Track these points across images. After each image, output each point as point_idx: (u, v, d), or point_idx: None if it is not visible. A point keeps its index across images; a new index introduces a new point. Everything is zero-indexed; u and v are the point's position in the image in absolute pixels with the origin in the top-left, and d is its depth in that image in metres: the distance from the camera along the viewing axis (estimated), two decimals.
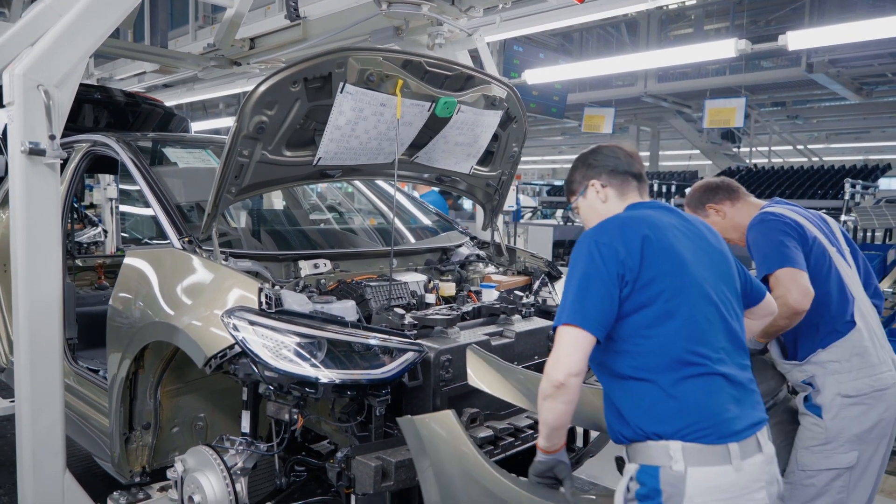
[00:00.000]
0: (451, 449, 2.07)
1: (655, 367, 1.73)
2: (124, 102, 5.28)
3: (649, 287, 1.76)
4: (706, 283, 1.82)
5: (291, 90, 2.56)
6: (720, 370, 1.74)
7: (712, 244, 1.97)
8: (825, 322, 2.49)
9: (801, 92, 12.91)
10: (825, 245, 2.53)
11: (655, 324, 1.74)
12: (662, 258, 1.79)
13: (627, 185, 2.06)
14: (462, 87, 3.03)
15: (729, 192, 2.75)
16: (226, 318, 2.40)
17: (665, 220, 1.91)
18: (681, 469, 1.66)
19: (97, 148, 3.69)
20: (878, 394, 2.45)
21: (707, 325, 1.77)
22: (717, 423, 1.69)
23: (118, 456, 2.95)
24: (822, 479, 2.49)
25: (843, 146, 18.47)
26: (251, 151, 2.64)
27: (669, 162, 19.33)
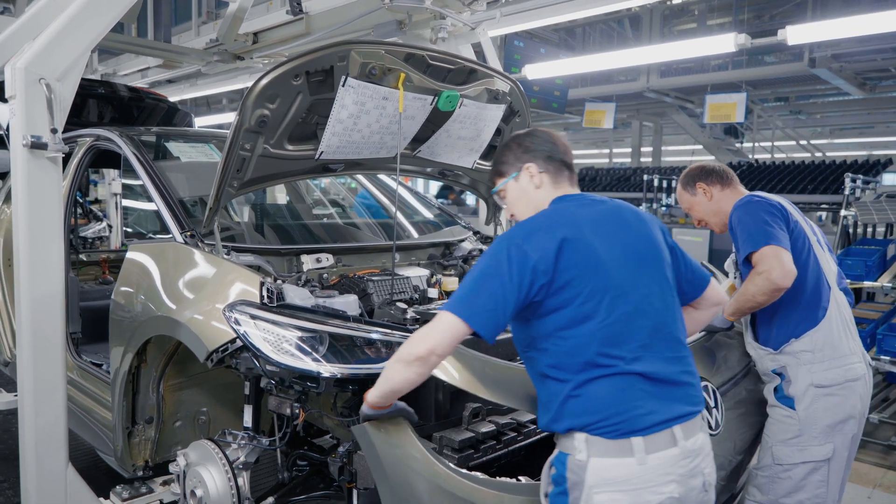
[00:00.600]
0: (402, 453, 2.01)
1: (569, 367, 1.75)
2: (128, 98, 5.26)
3: (565, 290, 1.75)
4: (626, 282, 1.80)
5: (293, 83, 2.54)
6: (634, 369, 1.75)
7: (641, 236, 1.92)
8: (801, 308, 2.50)
9: (804, 87, 12.83)
10: (806, 232, 2.54)
11: (570, 325, 1.75)
12: (580, 261, 1.76)
13: (561, 173, 2.02)
14: (465, 80, 3.00)
15: (722, 178, 2.77)
16: (227, 312, 2.38)
17: (589, 216, 1.87)
18: (583, 459, 1.72)
19: (100, 142, 3.67)
20: (849, 384, 2.47)
21: (623, 326, 1.76)
22: (622, 420, 1.71)
23: (121, 450, 2.94)
24: (798, 472, 2.50)
25: (847, 141, 18.34)
26: (253, 145, 2.61)
27: (672, 157, 19.24)
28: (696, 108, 13.08)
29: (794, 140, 14.81)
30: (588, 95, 12.01)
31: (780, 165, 9.29)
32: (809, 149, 14.99)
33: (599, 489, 1.70)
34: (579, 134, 18.62)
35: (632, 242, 1.89)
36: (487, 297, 1.73)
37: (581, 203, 1.94)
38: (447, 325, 1.75)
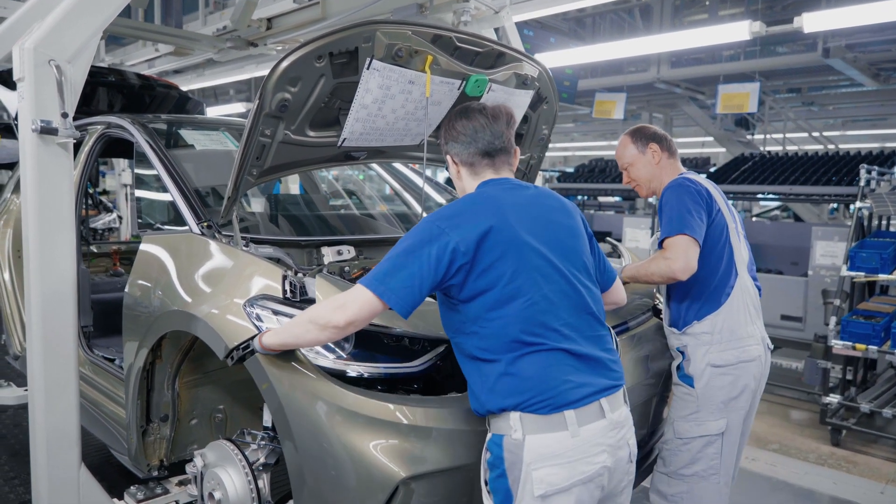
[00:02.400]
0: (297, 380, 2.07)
1: (497, 348, 1.78)
2: (139, 85, 5.11)
3: (489, 272, 1.78)
4: (548, 263, 1.85)
5: (316, 66, 2.38)
6: (561, 346, 1.79)
7: (561, 223, 1.98)
8: (707, 292, 2.60)
9: (816, 78, 12.56)
10: (727, 219, 2.62)
11: (496, 307, 1.78)
12: (503, 244, 1.80)
13: (480, 164, 2.04)
14: (493, 64, 2.84)
15: (671, 147, 2.82)
16: (248, 307, 2.24)
17: (512, 200, 1.91)
18: (519, 437, 1.74)
19: (112, 130, 3.53)
20: (743, 364, 2.59)
21: (547, 305, 1.81)
22: (553, 395, 1.75)
23: (135, 449, 2.80)
24: (695, 445, 2.62)
25: (860, 133, 18.03)
26: (273, 131, 2.46)
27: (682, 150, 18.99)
28: (706, 99, 12.84)
29: (805, 132, 14.53)
30: (598, 86, 11.77)
31: (794, 157, 9.05)
32: (822, 140, 14.72)
33: (537, 465, 1.73)
34: (588, 125, 18.36)
35: (554, 227, 1.94)
36: (405, 275, 1.77)
37: (505, 188, 1.97)
38: (365, 301, 1.79)
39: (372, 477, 1.91)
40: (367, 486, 1.92)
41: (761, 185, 8.02)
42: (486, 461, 1.83)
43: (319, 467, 2.00)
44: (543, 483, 1.73)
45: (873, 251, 4.97)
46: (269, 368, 2.09)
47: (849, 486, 4.16)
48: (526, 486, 1.74)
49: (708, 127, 13.06)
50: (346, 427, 1.96)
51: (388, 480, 1.90)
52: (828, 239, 6.69)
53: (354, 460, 1.93)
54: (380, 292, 1.78)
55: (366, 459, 1.92)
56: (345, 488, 1.95)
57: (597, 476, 1.79)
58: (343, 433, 1.96)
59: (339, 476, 1.95)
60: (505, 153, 2.07)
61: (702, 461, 2.63)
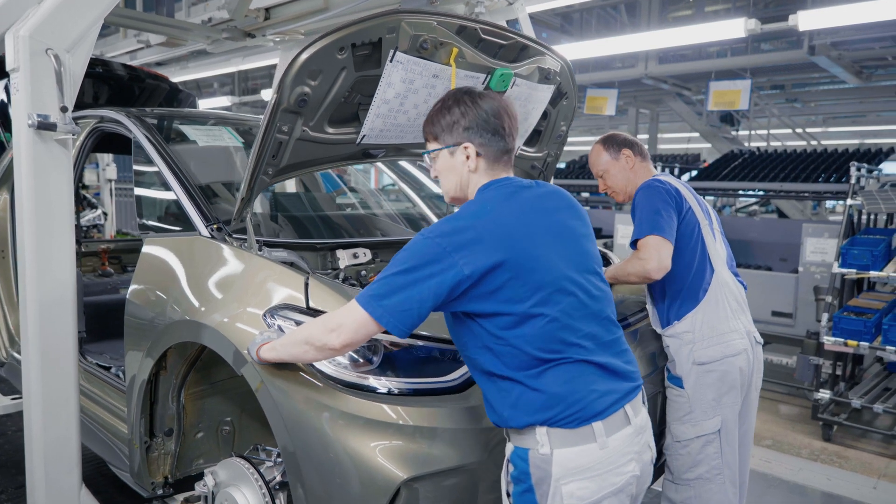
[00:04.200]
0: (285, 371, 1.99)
1: (517, 365, 1.67)
2: (127, 77, 4.87)
3: (499, 294, 1.64)
4: (564, 276, 1.71)
5: (338, 57, 2.20)
6: (583, 358, 1.69)
7: (572, 226, 1.83)
8: (684, 290, 2.60)
9: (800, 75, 12.58)
10: (698, 217, 2.62)
11: (511, 327, 1.65)
12: (512, 262, 1.64)
13: (500, 160, 1.84)
14: (516, 58, 2.68)
15: (642, 151, 2.84)
16: (269, 318, 2.07)
17: (519, 207, 1.75)
18: (547, 452, 1.65)
19: (105, 125, 3.31)
20: (728, 359, 2.57)
21: (566, 318, 1.68)
22: (581, 408, 1.66)
23: (138, 466, 2.61)
24: (694, 447, 2.59)
25: (841, 130, 18.19)
26: (291, 127, 2.28)
27: (668, 145, 18.97)
28: (693, 95, 12.82)
29: (789, 128, 14.59)
30: (588, 82, 11.68)
31: (782, 154, 9.02)
32: (805, 137, 14.78)
33: (566, 479, 1.64)
34: (576, 121, 18.27)
35: (565, 233, 1.80)
36: (404, 297, 1.62)
37: (510, 191, 1.78)
38: (361, 323, 1.66)
39: (373, 480, 1.83)
40: (368, 489, 1.84)
41: (751, 182, 8.01)
42: (511, 475, 1.73)
43: (318, 471, 1.91)
44: (573, 498, 1.65)
45: (865, 248, 4.95)
46: (264, 372, 2.00)
47: (842, 482, 4.18)
48: (555, 500, 1.65)
49: (694, 123, 13.05)
50: (345, 430, 1.89)
51: (389, 482, 1.82)
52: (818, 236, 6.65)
53: (354, 464, 1.85)
54: (377, 315, 1.64)
55: (366, 462, 1.84)
56: (345, 492, 1.86)
57: (626, 486, 1.72)
58: (341, 436, 1.88)
59: (340, 479, 1.87)
60: (513, 152, 1.90)
61: (703, 463, 2.59)
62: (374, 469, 1.84)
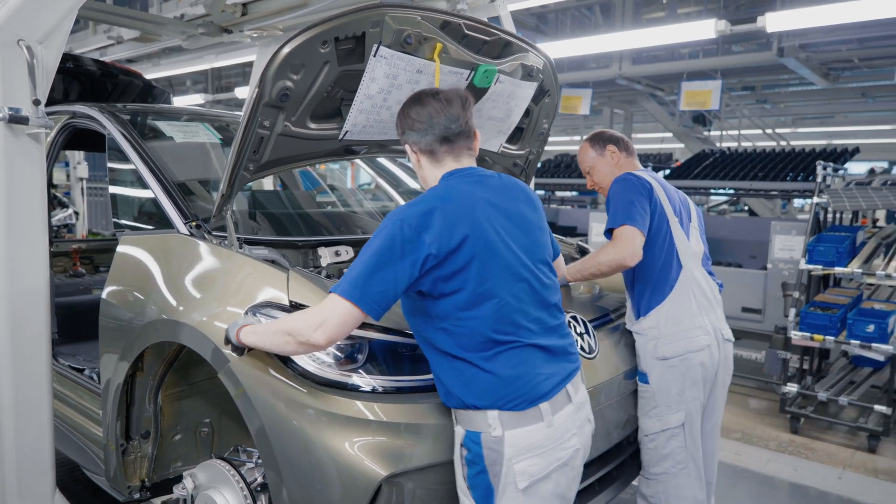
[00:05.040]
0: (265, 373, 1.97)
1: (470, 346, 1.76)
2: (99, 73, 4.75)
3: (460, 274, 1.73)
4: (518, 261, 1.83)
5: (321, 51, 2.16)
6: (530, 341, 1.80)
7: (528, 217, 1.95)
8: (650, 284, 2.65)
9: (770, 76, 12.75)
10: (668, 214, 2.66)
11: (468, 307, 1.74)
12: (474, 244, 1.75)
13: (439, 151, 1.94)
14: (499, 54, 2.65)
15: (627, 147, 2.88)
16: (251, 315, 2.02)
17: (483, 194, 1.85)
18: (499, 434, 1.74)
19: (77, 120, 3.21)
20: (691, 355, 2.60)
21: (518, 303, 1.80)
22: (529, 390, 1.76)
23: (114, 470, 2.53)
24: (660, 441, 2.64)
25: (809, 130, 18.47)
26: (273, 122, 2.22)
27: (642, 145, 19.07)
28: (666, 95, 12.91)
29: (759, 129, 14.79)
30: (563, 82, 11.69)
31: (752, 153, 9.15)
32: (774, 137, 14.99)
33: (518, 458, 1.74)
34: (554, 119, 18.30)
35: (522, 222, 1.91)
36: (380, 279, 1.70)
37: (471, 180, 1.89)
38: (344, 315, 1.71)
39: (354, 477, 1.82)
40: (349, 488, 1.83)
41: (722, 181, 8.10)
42: (464, 458, 1.80)
43: (299, 473, 1.88)
44: (525, 475, 1.75)
45: (830, 245, 5.03)
46: (244, 376, 1.98)
47: (809, 473, 4.26)
48: (508, 479, 1.75)
49: (667, 123, 13.15)
50: (327, 429, 1.87)
51: (369, 480, 1.82)
52: (786, 233, 6.75)
53: (335, 463, 1.84)
54: (357, 299, 1.70)
55: (347, 461, 1.84)
56: (327, 492, 1.84)
57: (571, 459, 1.84)
58: (324, 436, 1.86)
59: (321, 480, 1.85)
60: (464, 137, 1.96)
61: (669, 458, 2.64)
62: (355, 467, 1.83)
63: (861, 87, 13.54)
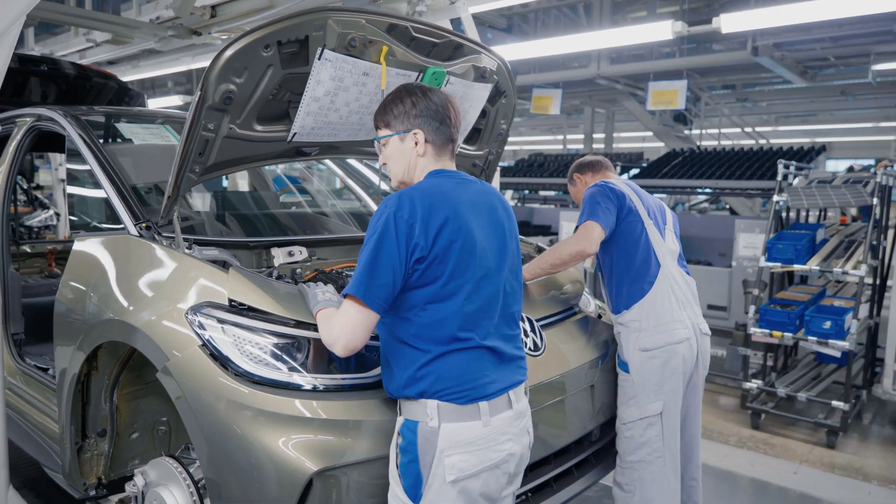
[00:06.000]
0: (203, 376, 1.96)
1: (429, 338, 1.77)
2: (74, 76, 4.73)
3: (437, 266, 1.75)
4: (491, 264, 1.86)
5: (263, 55, 2.15)
6: (486, 344, 1.82)
7: (503, 223, 1.97)
8: (630, 280, 2.76)
9: (749, 75, 12.76)
10: (642, 216, 2.79)
11: (436, 300, 1.76)
12: (455, 240, 1.77)
13: (445, 147, 1.96)
14: (450, 56, 2.65)
15: (593, 166, 3.10)
16: (190, 314, 2.02)
17: (465, 196, 1.87)
18: (435, 425, 1.75)
19: (42, 123, 3.20)
20: (670, 347, 2.71)
21: (482, 304, 1.82)
22: (472, 388, 1.78)
23: (69, 467, 2.52)
24: (637, 429, 2.71)
25: (792, 129, 18.44)
26: (217, 125, 2.22)
27: (624, 144, 19.07)
28: (645, 95, 12.92)
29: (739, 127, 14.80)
30: (543, 81, 11.67)
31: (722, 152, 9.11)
32: (754, 136, 15.00)
33: (449, 452, 1.75)
34: (535, 119, 18.25)
35: (497, 228, 1.93)
36: (383, 275, 1.71)
37: (457, 181, 1.91)
38: (355, 319, 1.73)
39: (287, 473, 1.83)
40: (284, 484, 1.83)
41: (690, 180, 8.06)
42: (399, 446, 1.81)
43: (239, 472, 1.88)
44: (455, 469, 1.75)
45: (789, 243, 5.03)
46: (183, 377, 1.98)
47: (764, 468, 4.29)
48: (437, 471, 1.75)
49: (647, 122, 13.15)
50: (266, 428, 1.87)
51: (299, 474, 1.82)
52: (749, 231, 6.76)
53: (272, 460, 1.84)
54: (366, 299, 1.72)
55: (281, 458, 1.84)
56: (266, 489, 1.85)
57: (503, 462, 1.83)
58: (262, 435, 1.86)
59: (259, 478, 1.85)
60: (456, 142, 2.00)
61: (645, 446, 2.70)
62: (288, 463, 1.83)
63: (840, 86, 13.57)
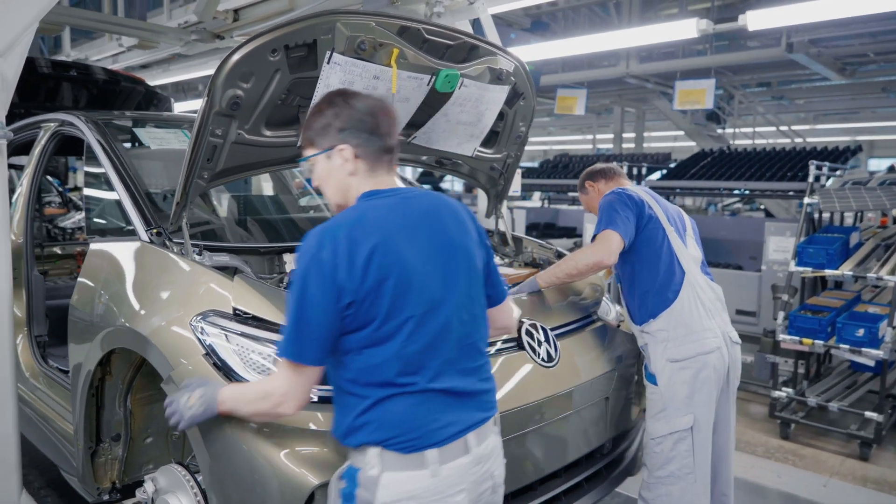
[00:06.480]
0: None
1: (367, 384, 1.54)
2: (103, 80, 4.78)
3: (369, 309, 1.51)
4: (437, 294, 1.58)
5: (270, 60, 2.11)
6: (434, 387, 1.57)
7: (452, 238, 1.66)
8: (654, 290, 2.64)
9: (785, 72, 12.37)
10: (663, 223, 2.68)
11: (371, 344, 1.53)
12: (387, 276, 1.51)
13: (380, 160, 1.66)
14: (465, 58, 2.58)
15: (605, 174, 2.97)
16: (195, 322, 1.98)
17: (401, 221, 1.59)
18: (375, 474, 1.54)
19: (65, 128, 3.22)
20: (701, 357, 2.58)
21: (429, 342, 1.56)
22: (418, 436, 1.55)
23: (83, 471, 2.52)
24: (667, 444, 2.60)
25: (831, 127, 17.72)
26: (225, 131, 2.19)
27: (655, 144, 18.68)
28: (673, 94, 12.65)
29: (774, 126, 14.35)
30: (571, 81, 11.50)
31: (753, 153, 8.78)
32: (790, 135, 14.55)
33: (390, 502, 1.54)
34: (565, 119, 17.99)
35: (445, 247, 1.64)
36: (314, 329, 1.50)
37: (393, 202, 1.62)
38: (304, 380, 1.57)
39: (287, 485, 1.79)
40: (284, 495, 1.79)
41: (719, 181, 7.74)
42: (340, 491, 1.62)
43: (238, 485, 1.85)
44: None
45: (820, 247, 4.79)
46: None
47: (792, 479, 4.05)
48: None
49: (678, 121, 12.86)
50: (262, 438, 1.82)
51: (301, 488, 1.78)
52: (780, 234, 6.48)
53: (274, 472, 1.80)
54: (301, 359, 1.54)
55: (280, 469, 1.80)
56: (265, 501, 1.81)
57: None
58: (257, 445, 1.82)
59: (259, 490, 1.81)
60: (396, 152, 1.71)
61: (675, 460, 2.59)
62: (291, 476, 1.79)
63: (881, 82, 13.08)
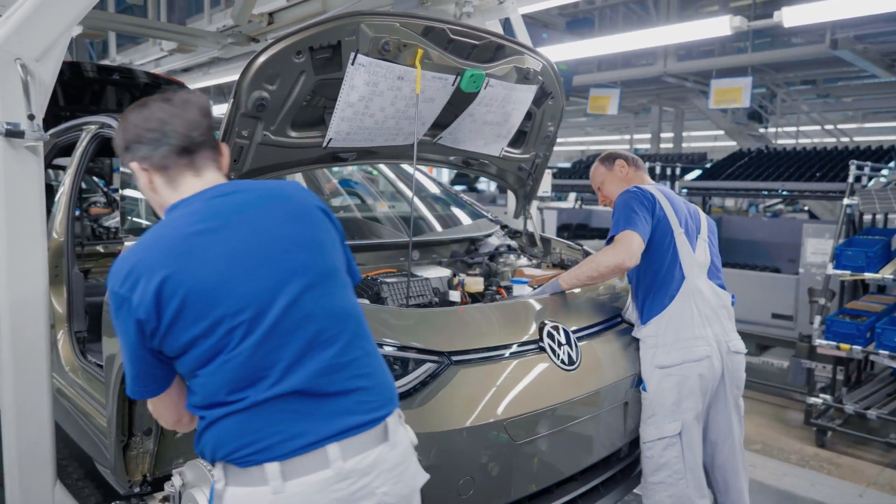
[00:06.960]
0: None
1: (202, 405, 1.45)
2: (145, 84, 4.91)
3: (177, 335, 1.39)
4: (264, 297, 1.42)
5: (295, 61, 2.12)
6: (274, 394, 1.41)
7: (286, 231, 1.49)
8: (652, 292, 2.62)
9: (830, 70, 11.95)
10: (672, 225, 2.63)
11: (199, 366, 1.42)
12: (183, 305, 1.38)
13: (178, 166, 1.51)
14: (491, 58, 2.56)
15: (636, 162, 2.92)
16: None
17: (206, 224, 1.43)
18: (220, 488, 1.48)
19: (104, 130, 3.29)
20: (689, 364, 2.55)
21: (255, 353, 1.40)
22: (257, 449, 1.41)
23: (114, 463, 2.57)
24: (656, 449, 2.58)
25: (881, 126, 17.01)
26: (251, 132, 2.20)
27: (694, 144, 18.24)
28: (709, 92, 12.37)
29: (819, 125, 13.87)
30: (606, 80, 11.34)
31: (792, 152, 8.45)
32: (836, 134, 14.04)
33: None
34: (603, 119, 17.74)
35: (272, 243, 1.47)
36: (138, 366, 1.46)
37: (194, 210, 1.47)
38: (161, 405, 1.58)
39: None
40: None
41: (755, 182, 7.49)
42: None
43: None
44: None
45: (859, 249, 4.62)
46: None
47: (827, 489, 3.88)
48: None
49: (718, 120, 12.57)
50: None
51: None
52: (819, 236, 6.23)
53: None
54: (143, 395, 1.54)
55: None
56: None
57: None
58: None
59: None
60: (208, 148, 1.55)
61: (665, 468, 2.58)
62: None
63: None
